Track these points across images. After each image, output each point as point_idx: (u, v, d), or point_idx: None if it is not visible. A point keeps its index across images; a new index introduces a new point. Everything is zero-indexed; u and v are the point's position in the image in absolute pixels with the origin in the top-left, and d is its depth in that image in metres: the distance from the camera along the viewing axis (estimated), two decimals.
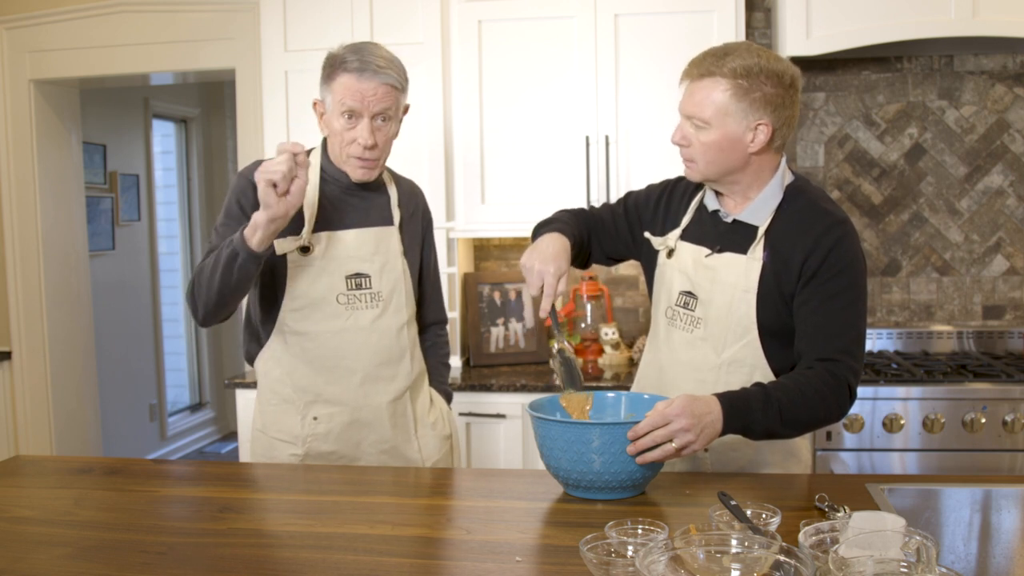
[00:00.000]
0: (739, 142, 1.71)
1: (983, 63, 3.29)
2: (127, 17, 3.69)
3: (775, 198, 1.77)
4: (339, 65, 1.89)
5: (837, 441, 2.79)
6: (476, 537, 1.45)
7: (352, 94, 1.87)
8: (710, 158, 1.73)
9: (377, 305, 1.99)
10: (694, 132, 1.73)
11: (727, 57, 1.69)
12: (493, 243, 3.61)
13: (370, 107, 1.88)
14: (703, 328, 1.80)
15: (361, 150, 1.91)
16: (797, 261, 1.72)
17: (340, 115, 1.89)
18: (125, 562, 1.38)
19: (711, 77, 1.69)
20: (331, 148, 1.98)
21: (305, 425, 2.00)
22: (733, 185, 1.79)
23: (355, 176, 1.97)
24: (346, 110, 1.88)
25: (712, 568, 1.14)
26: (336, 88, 1.89)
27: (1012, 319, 3.34)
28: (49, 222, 3.96)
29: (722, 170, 1.75)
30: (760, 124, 1.70)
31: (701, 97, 1.70)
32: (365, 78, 1.87)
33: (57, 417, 4.01)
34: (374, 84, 1.87)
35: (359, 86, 1.86)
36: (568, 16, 3.12)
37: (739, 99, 1.68)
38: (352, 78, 1.87)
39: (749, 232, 1.78)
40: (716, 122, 1.70)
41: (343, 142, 1.92)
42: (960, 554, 1.62)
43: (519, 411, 2.95)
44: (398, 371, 2.03)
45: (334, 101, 1.90)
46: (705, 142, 1.72)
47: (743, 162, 1.74)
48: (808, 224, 1.73)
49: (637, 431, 1.55)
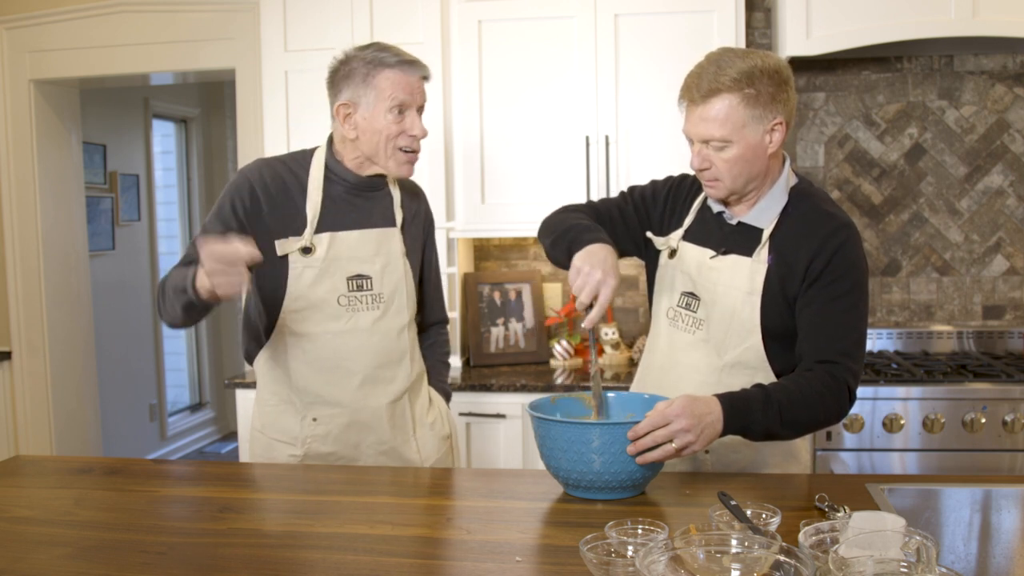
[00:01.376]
0: (760, 148, 1.70)
1: (983, 63, 3.29)
2: (127, 17, 3.69)
3: (780, 201, 1.77)
4: (378, 63, 1.89)
5: (837, 441, 2.79)
6: (476, 537, 1.45)
7: (402, 87, 1.90)
8: (736, 172, 1.71)
9: (378, 307, 1.99)
10: (714, 153, 1.71)
11: (722, 69, 1.67)
12: (493, 243, 3.61)
13: (417, 99, 1.93)
14: (705, 330, 1.80)
15: (414, 141, 1.94)
16: (801, 264, 1.72)
17: (389, 111, 1.90)
18: (125, 562, 1.38)
19: (717, 95, 1.66)
20: (372, 146, 1.94)
21: (304, 426, 2.00)
22: (751, 192, 1.77)
23: (399, 172, 1.97)
24: (396, 104, 1.90)
25: (712, 568, 1.14)
26: (382, 84, 1.89)
27: (1012, 319, 3.34)
28: (49, 222, 3.96)
29: (748, 180, 1.73)
30: (775, 124, 1.69)
31: (713, 117, 1.67)
32: (410, 71, 1.91)
33: (57, 417, 4.01)
34: (417, 77, 1.92)
35: (407, 79, 1.90)
36: (568, 16, 3.12)
37: (751, 107, 1.67)
38: (398, 72, 1.89)
39: (754, 235, 1.77)
40: (736, 137, 1.68)
41: (390, 136, 1.92)
42: (960, 554, 1.62)
43: (519, 411, 2.95)
44: (398, 373, 2.03)
45: (380, 98, 1.89)
46: (728, 159, 1.70)
47: (764, 166, 1.74)
48: (813, 228, 1.73)
49: (637, 431, 1.55)
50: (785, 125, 1.71)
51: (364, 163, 1.97)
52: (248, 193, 1.92)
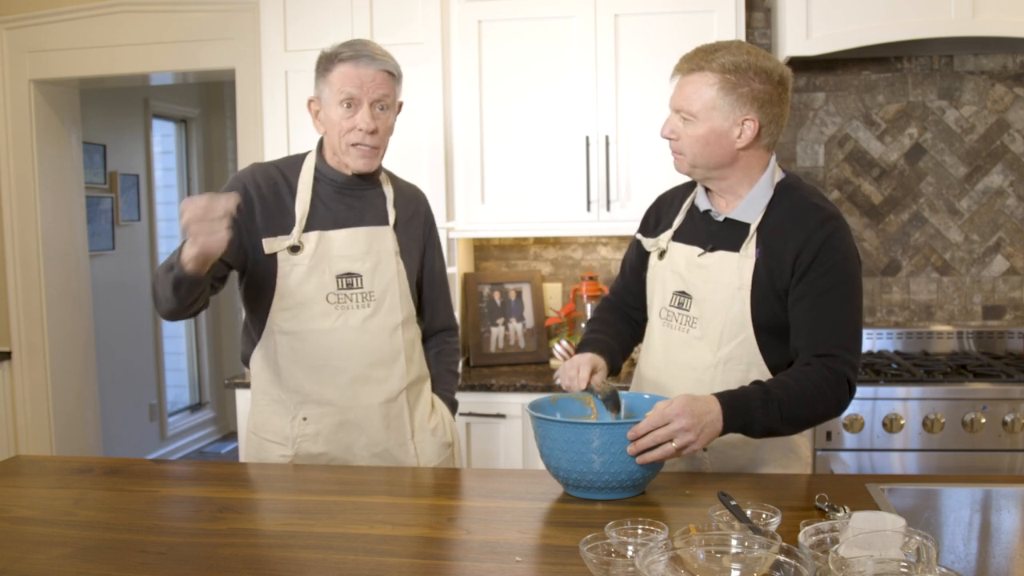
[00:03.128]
0: (726, 137, 1.73)
1: (983, 63, 3.29)
2: (127, 17, 3.69)
3: (765, 195, 1.78)
4: (334, 58, 1.91)
5: (837, 441, 2.79)
6: (476, 537, 1.45)
7: (351, 80, 1.89)
8: (697, 151, 1.75)
9: (368, 305, 1.98)
10: (682, 126, 1.76)
11: (717, 53, 1.72)
12: (493, 243, 3.61)
13: (369, 93, 1.91)
14: (698, 327, 1.81)
15: (362, 135, 1.92)
16: (789, 257, 1.73)
17: (339, 104, 1.90)
18: (125, 562, 1.38)
19: (700, 72, 1.72)
20: (329, 142, 1.98)
21: (295, 426, 1.99)
22: (722, 181, 1.80)
23: (355, 166, 1.96)
24: (345, 98, 1.90)
25: (712, 568, 1.14)
26: (333, 79, 1.90)
27: (1012, 319, 3.34)
28: (49, 222, 3.96)
29: (709, 164, 1.77)
30: (747, 119, 1.71)
31: (690, 91, 1.73)
32: (362, 64, 1.90)
33: (57, 417, 4.01)
34: (372, 71, 1.90)
35: (357, 72, 1.89)
36: (568, 16, 3.12)
37: (726, 94, 1.70)
38: (349, 66, 1.90)
39: (741, 230, 1.78)
40: (703, 116, 1.72)
41: (342, 131, 1.92)
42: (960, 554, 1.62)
43: (519, 411, 2.95)
44: (391, 372, 2.02)
45: (332, 92, 1.91)
46: (692, 135, 1.74)
47: (731, 157, 1.75)
48: (799, 219, 1.74)
49: (637, 431, 1.56)
50: (758, 125, 1.72)
51: (335, 158, 1.99)
52: (242, 195, 1.93)
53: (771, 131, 1.75)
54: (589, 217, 3.15)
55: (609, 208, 3.13)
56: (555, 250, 3.59)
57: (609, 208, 3.13)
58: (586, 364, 1.79)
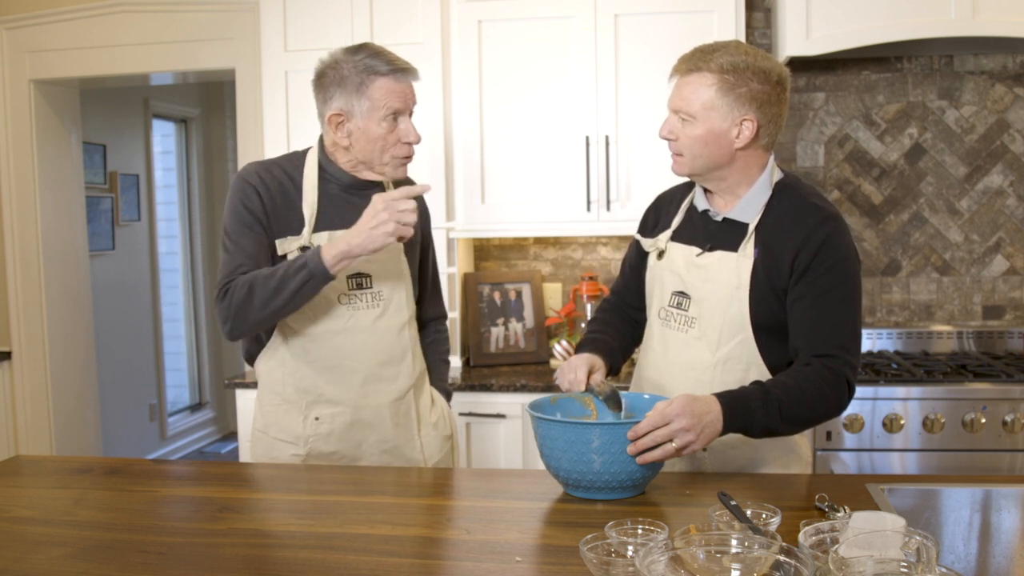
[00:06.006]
0: (724, 137, 1.73)
1: (983, 63, 3.29)
2: (127, 17, 3.69)
3: (764, 195, 1.78)
4: (371, 71, 1.89)
5: (837, 441, 2.79)
6: (476, 537, 1.45)
7: (396, 96, 1.91)
8: (696, 152, 1.75)
9: (378, 305, 1.99)
10: (681, 126, 1.76)
11: (715, 53, 1.72)
12: (493, 243, 3.61)
13: (410, 105, 1.95)
14: (697, 327, 1.81)
15: (410, 148, 1.96)
16: (788, 256, 1.73)
17: (383, 120, 1.91)
18: (125, 562, 1.38)
19: (698, 72, 1.72)
20: (362, 154, 1.95)
21: (307, 425, 2.00)
22: (720, 182, 1.80)
23: (396, 175, 2.00)
24: (391, 112, 1.91)
25: (712, 568, 1.14)
26: (375, 94, 1.89)
27: (1012, 319, 3.34)
28: (49, 222, 3.96)
29: (708, 164, 1.77)
30: (745, 120, 1.71)
31: (688, 92, 1.73)
32: (401, 78, 1.92)
33: (57, 417, 4.01)
34: (409, 83, 1.94)
35: (399, 87, 1.91)
36: (568, 16, 3.12)
37: (725, 94, 1.70)
38: (390, 81, 1.90)
39: (739, 230, 1.78)
40: (702, 116, 1.72)
41: (386, 144, 1.93)
42: (960, 554, 1.62)
43: (519, 411, 2.95)
44: (400, 371, 2.03)
45: (373, 107, 1.90)
46: (691, 136, 1.74)
47: (729, 157, 1.75)
48: (797, 219, 1.74)
49: (637, 431, 1.56)
50: (757, 125, 1.72)
51: (358, 167, 1.98)
52: (254, 193, 1.93)
53: (769, 131, 1.75)
54: (589, 217, 3.15)
55: (609, 208, 3.13)
56: (555, 250, 3.59)
57: (609, 208, 3.13)
58: (583, 365, 1.80)
